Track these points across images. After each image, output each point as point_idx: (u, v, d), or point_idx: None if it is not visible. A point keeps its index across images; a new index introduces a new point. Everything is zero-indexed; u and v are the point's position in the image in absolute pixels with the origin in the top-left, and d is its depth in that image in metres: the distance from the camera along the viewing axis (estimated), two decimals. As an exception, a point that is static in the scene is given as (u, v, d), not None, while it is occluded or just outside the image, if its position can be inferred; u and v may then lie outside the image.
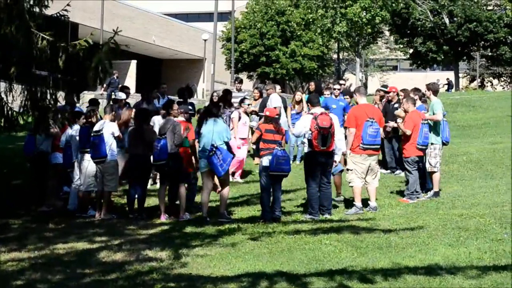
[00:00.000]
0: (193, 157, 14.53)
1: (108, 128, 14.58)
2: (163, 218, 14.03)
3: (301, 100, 20.08)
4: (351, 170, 14.17)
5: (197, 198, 15.07)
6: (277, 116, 14.18)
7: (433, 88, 15.67)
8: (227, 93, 19.17)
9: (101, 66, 13.17)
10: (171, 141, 14.07)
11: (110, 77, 24.43)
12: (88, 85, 14.43)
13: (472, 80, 74.03)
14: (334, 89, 19.55)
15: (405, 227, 11.96)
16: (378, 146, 14.46)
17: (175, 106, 14.92)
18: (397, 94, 18.18)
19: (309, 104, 14.46)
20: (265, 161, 13.66)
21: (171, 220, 13.99)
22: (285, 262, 10.14)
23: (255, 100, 20.57)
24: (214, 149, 13.48)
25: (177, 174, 14.25)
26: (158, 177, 16.18)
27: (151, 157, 14.49)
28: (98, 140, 14.54)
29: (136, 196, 14.60)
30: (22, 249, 11.46)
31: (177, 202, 14.30)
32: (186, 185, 14.52)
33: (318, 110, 13.91)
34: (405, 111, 15.17)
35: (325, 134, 13.35)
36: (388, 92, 18.77)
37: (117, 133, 14.67)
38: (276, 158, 13.46)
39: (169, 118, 14.49)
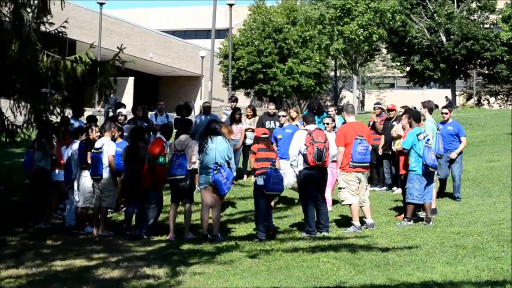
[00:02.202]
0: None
1: (107, 147, 14.66)
2: (172, 238, 14.00)
3: (296, 118, 20.15)
4: (343, 188, 14.16)
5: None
6: (264, 135, 14.19)
7: (428, 106, 15.72)
8: (235, 111, 20.14)
9: (106, 83, 13.30)
10: (189, 158, 14.08)
11: (114, 94, 24.45)
12: (92, 101, 14.62)
13: (469, 98, 74.11)
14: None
15: (403, 245, 11.95)
16: (368, 164, 14.47)
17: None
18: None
19: (304, 121, 14.53)
20: (260, 180, 13.72)
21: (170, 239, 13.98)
22: (283, 279, 10.13)
23: (249, 118, 20.68)
24: (218, 167, 13.54)
25: (189, 192, 14.27)
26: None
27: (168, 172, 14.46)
28: (96, 158, 14.63)
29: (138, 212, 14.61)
30: (19, 266, 11.43)
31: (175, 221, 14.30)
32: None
33: (312, 126, 13.98)
34: (404, 128, 15.15)
35: (320, 149, 13.40)
36: (391, 110, 18.73)
37: (110, 153, 14.69)
38: (272, 178, 13.56)
39: (187, 136, 14.48)
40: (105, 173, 14.70)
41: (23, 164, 16.58)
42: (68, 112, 15.18)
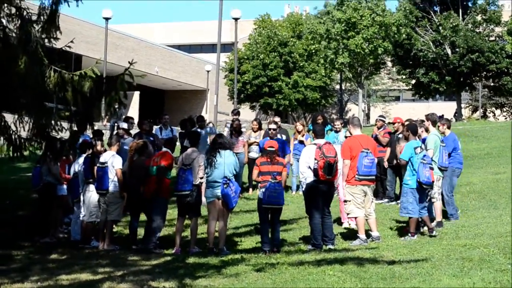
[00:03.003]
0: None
1: (113, 162, 14.69)
2: (177, 251, 13.99)
3: (302, 131, 20.18)
4: (349, 201, 14.15)
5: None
6: (270, 149, 14.16)
7: (432, 119, 15.69)
8: (233, 122, 20.42)
9: (116, 98, 13.37)
10: (196, 172, 14.10)
11: (124, 108, 24.56)
12: (102, 116, 14.66)
13: (475, 110, 74.09)
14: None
15: (409, 258, 11.92)
16: (374, 177, 14.46)
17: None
18: (402, 125, 18.15)
19: (313, 134, 14.53)
20: (260, 193, 13.87)
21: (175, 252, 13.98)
22: (288, 293, 10.11)
23: (254, 132, 20.67)
24: (227, 181, 13.58)
25: (196, 207, 14.29)
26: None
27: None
28: (102, 172, 14.66)
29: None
30: (25, 280, 11.43)
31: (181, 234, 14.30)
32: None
33: (321, 141, 13.96)
34: (406, 139, 15.10)
35: (331, 163, 13.39)
36: (392, 123, 18.78)
37: (118, 166, 14.71)
38: (268, 192, 13.60)
39: (194, 149, 14.50)
40: (111, 187, 14.72)
41: (32, 178, 16.63)
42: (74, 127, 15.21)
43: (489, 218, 15.57)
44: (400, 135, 17.69)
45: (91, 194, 15.01)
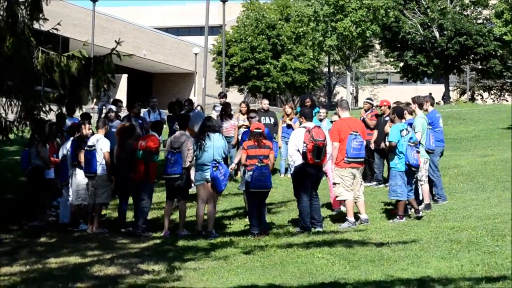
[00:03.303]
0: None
1: (101, 145, 14.64)
2: (166, 234, 13.99)
3: (291, 114, 20.10)
4: (338, 183, 14.16)
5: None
6: (257, 130, 14.11)
7: (418, 101, 15.67)
8: (226, 106, 20.03)
9: (104, 78, 13.32)
10: (185, 156, 14.07)
11: (113, 87, 24.47)
12: (89, 98, 14.56)
13: (463, 93, 74.21)
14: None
15: (397, 240, 11.97)
16: (363, 159, 14.50)
17: None
18: (389, 107, 18.13)
19: (302, 117, 14.45)
20: (248, 177, 13.83)
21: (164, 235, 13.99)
22: (277, 275, 10.13)
23: (243, 114, 20.58)
24: (216, 164, 13.56)
25: (185, 190, 14.28)
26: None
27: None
28: (90, 156, 14.62)
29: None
30: (13, 263, 11.42)
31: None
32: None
33: (310, 124, 13.95)
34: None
35: (320, 147, 13.39)
36: (379, 106, 18.79)
37: (106, 150, 14.66)
38: (255, 175, 13.60)
39: (182, 132, 14.47)
40: (99, 170, 14.68)
41: (20, 161, 16.57)
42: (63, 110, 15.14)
43: (477, 200, 15.63)
44: (387, 118, 17.69)
45: (78, 178, 14.97)
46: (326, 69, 71.61)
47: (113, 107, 18.68)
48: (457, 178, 18.65)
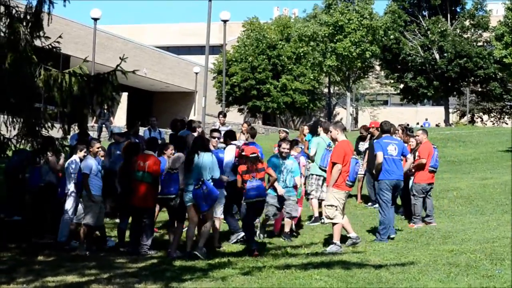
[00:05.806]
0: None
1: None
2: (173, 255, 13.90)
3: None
4: (334, 206, 14.04)
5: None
6: (253, 155, 14.10)
7: (324, 126, 16.99)
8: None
9: (108, 95, 13.33)
10: (182, 176, 13.97)
11: (117, 105, 24.54)
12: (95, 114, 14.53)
13: (462, 115, 74.32)
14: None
15: (396, 263, 11.93)
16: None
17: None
18: (377, 129, 18.03)
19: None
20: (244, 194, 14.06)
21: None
22: (275, 297, 10.10)
23: (243, 134, 20.51)
24: (200, 183, 13.41)
25: (181, 211, 14.16)
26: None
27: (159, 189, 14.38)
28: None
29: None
30: (11, 282, 11.37)
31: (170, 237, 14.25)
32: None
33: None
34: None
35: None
36: (368, 128, 19.19)
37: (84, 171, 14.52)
38: (249, 187, 13.77)
39: (180, 153, 14.38)
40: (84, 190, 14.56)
41: (28, 180, 16.44)
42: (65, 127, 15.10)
43: (476, 223, 15.62)
44: (375, 141, 17.54)
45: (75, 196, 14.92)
46: (326, 90, 71.77)
47: (116, 129, 18.67)
48: (456, 201, 18.64)
